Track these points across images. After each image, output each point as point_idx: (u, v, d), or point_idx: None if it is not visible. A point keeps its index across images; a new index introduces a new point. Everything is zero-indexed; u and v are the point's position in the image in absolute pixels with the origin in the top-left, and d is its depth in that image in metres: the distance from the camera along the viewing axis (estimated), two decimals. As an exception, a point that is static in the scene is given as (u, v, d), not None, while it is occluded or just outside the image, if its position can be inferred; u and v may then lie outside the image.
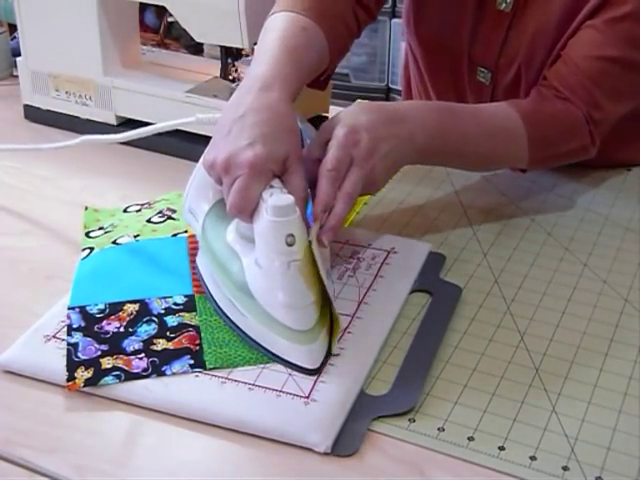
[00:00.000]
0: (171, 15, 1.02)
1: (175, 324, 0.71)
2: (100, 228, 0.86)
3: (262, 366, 0.67)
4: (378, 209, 0.92)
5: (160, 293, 0.74)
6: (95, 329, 0.70)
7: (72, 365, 0.66)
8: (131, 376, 0.66)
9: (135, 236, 0.83)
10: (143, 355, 0.68)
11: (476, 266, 0.82)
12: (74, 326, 0.70)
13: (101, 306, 0.73)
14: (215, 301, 0.73)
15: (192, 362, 0.67)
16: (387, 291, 0.76)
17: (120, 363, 0.67)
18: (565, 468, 0.59)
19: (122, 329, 0.70)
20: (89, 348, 0.68)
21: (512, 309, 0.76)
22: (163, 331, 0.70)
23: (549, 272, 0.82)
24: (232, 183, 0.69)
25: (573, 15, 0.90)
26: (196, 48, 2.11)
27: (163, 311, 0.72)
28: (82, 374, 0.65)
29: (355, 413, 0.63)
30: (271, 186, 0.68)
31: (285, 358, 0.67)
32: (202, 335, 0.70)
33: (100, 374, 0.65)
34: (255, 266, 0.68)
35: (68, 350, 0.68)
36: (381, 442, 0.62)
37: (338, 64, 0.95)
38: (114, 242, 0.82)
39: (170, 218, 0.86)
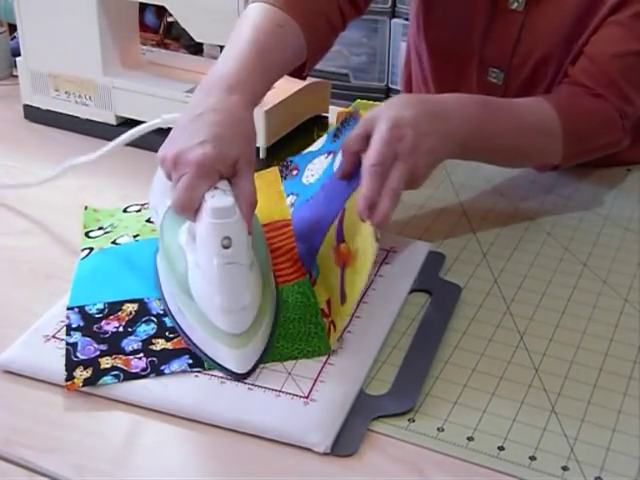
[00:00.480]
0: (171, 15, 1.02)
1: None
2: (100, 228, 0.86)
3: (261, 366, 0.67)
4: (378, 209, 0.92)
5: (159, 293, 0.74)
6: (94, 329, 0.70)
7: (71, 365, 0.66)
8: (130, 376, 0.66)
9: (134, 236, 0.83)
10: (142, 355, 0.68)
11: (476, 266, 0.83)
12: (73, 326, 0.70)
13: (100, 306, 0.73)
14: (165, 300, 0.73)
15: (191, 362, 0.67)
16: (387, 291, 0.76)
17: (119, 363, 0.67)
18: (565, 468, 0.59)
19: (121, 329, 0.70)
20: (88, 348, 0.68)
21: (512, 309, 0.76)
22: (162, 331, 0.70)
23: (549, 272, 0.82)
24: (178, 180, 0.68)
25: (590, 13, 0.91)
26: (196, 48, 2.11)
27: (162, 311, 0.72)
28: (81, 374, 0.65)
29: (354, 413, 0.63)
30: (215, 187, 0.68)
31: (218, 361, 0.67)
32: None
33: (99, 374, 0.65)
34: (195, 267, 0.68)
35: (67, 350, 0.68)
36: (381, 442, 0.62)
37: (320, 59, 0.94)
38: (113, 242, 0.82)
39: None
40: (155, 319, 0.71)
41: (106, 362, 0.67)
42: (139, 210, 0.88)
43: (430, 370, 0.68)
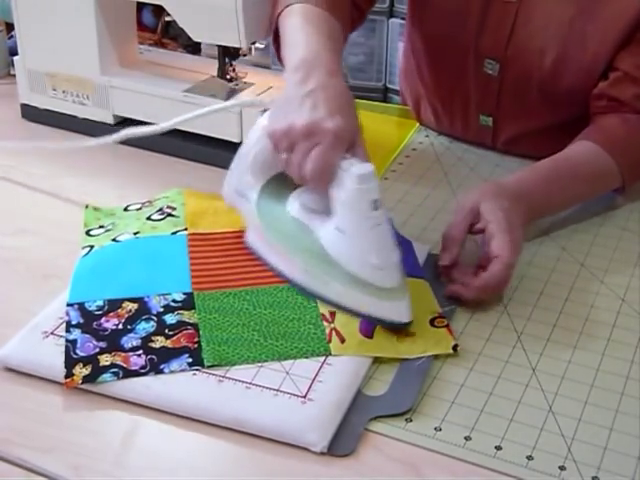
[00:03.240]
0: (168, 14, 1.02)
1: (174, 322, 0.71)
2: (101, 227, 0.86)
3: (260, 365, 0.67)
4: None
5: (159, 290, 0.74)
6: (94, 326, 0.70)
7: (70, 362, 0.66)
8: (129, 373, 0.66)
9: (135, 233, 0.83)
10: (141, 352, 0.68)
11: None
12: (73, 323, 0.70)
13: (100, 303, 0.73)
14: (286, 275, 0.75)
15: (190, 360, 0.67)
16: None
17: (118, 360, 0.67)
18: (562, 468, 0.59)
19: (121, 326, 0.70)
20: (87, 345, 0.68)
21: (509, 309, 0.76)
22: (162, 329, 0.70)
23: (546, 272, 0.82)
24: (309, 150, 0.71)
25: (591, 11, 0.91)
26: (194, 47, 2.10)
27: (162, 309, 0.72)
28: (80, 371, 0.65)
29: (352, 413, 0.63)
30: (344, 157, 0.71)
31: (377, 316, 0.70)
32: (201, 333, 0.70)
33: (98, 371, 0.65)
34: (337, 232, 0.70)
35: (66, 347, 0.68)
36: (378, 442, 0.62)
37: None
38: (114, 240, 0.82)
39: (170, 215, 0.86)
40: (155, 317, 0.71)
41: (105, 359, 0.67)
42: (140, 208, 0.88)
43: (428, 370, 0.68)
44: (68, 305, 0.72)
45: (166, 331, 0.70)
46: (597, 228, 0.90)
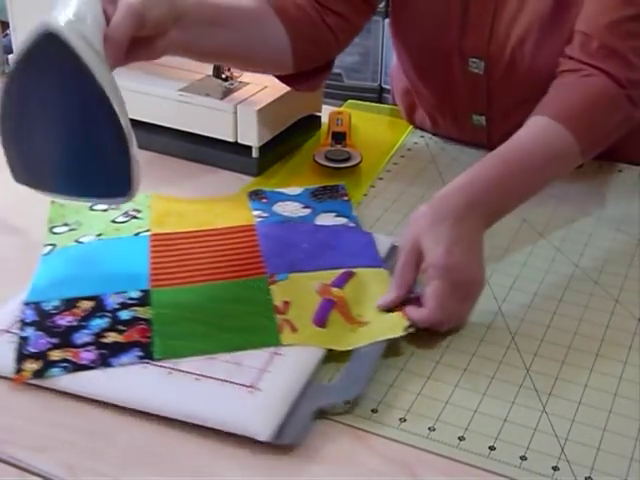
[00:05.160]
0: (164, 13, 1.02)
1: (127, 318, 0.71)
2: (65, 224, 0.85)
3: (211, 357, 0.67)
4: (370, 208, 0.93)
5: (116, 289, 0.74)
6: (47, 323, 0.70)
7: (21, 357, 0.66)
8: (78, 367, 0.66)
9: (98, 235, 0.83)
10: (92, 347, 0.68)
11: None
12: (27, 321, 0.70)
13: (56, 303, 0.73)
14: None
15: (141, 354, 0.67)
16: None
17: (69, 355, 0.67)
18: (555, 468, 0.60)
19: (75, 323, 0.70)
20: (40, 341, 0.68)
21: (503, 310, 0.76)
22: (115, 324, 0.70)
23: (540, 272, 0.82)
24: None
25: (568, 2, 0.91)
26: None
27: (118, 306, 0.72)
28: (30, 366, 0.65)
29: (301, 402, 0.63)
30: None
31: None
32: (154, 327, 0.70)
33: (47, 366, 0.66)
34: None
35: (18, 343, 0.68)
36: (372, 442, 0.62)
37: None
38: (77, 241, 0.82)
39: (134, 218, 0.86)
40: (109, 314, 0.71)
41: (56, 355, 0.67)
42: (105, 210, 0.88)
43: (381, 358, 0.68)
44: (25, 304, 0.72)
45: (119, 327, 0.70)
46: (591, 229, 0.90)
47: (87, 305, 0.72)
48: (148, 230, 0.84)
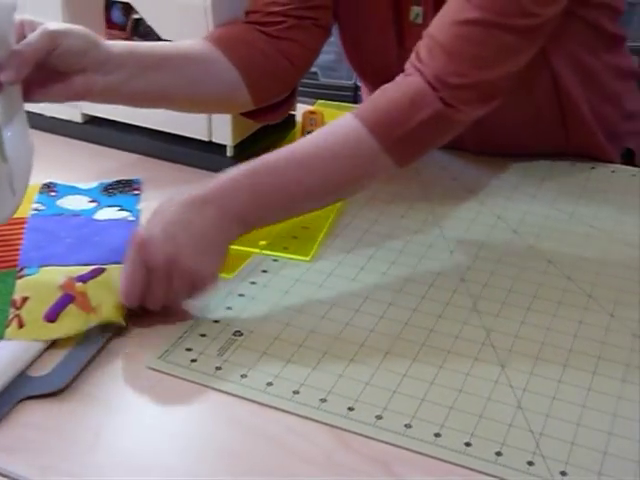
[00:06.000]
0: (137, 12, 1.01)
1: None
2: None
3: None
4: (345, 210, 0.93)
5: None
6: None
7: None
8: None
9: None
10: None
11: (443, 263, 0.83)
12: None
13: None
14: None
15: None
16: None
17: None
18: (530, 463, 0.60)
19: None
20: None
21: (478, 306, 0.77)
22: None
23: (514, 269, 0.83)
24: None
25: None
26: (163, 45, 2.09)
27: None
28: None
29: (6, 393, 0.64)
30: None
31: None
32: None
33: None
34: None
35: None
36: (349, 439, 0.62)
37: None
38: None
39: None
40: None
41: None
42: None
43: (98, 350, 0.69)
44: None
45: None
46: (564, 225, 0.91)
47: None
48: None
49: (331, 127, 0.83)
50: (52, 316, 0.71)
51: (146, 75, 0.85)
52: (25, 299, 0.73)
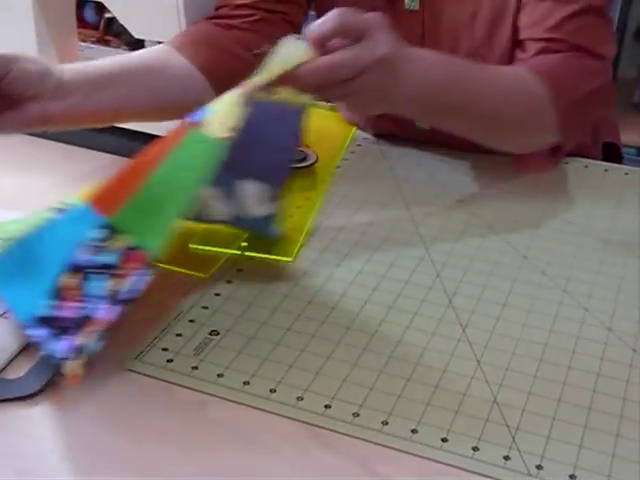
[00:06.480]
0: (109, 11, 1.01)
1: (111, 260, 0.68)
2: None
3: None
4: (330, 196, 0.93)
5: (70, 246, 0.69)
6: (56, 326, 0.67)
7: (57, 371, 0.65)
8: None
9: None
10: (108, 304, 0.66)
11: (419, 260, 0.83)
12: (39, 338, 0.67)
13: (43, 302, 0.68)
14: None
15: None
16: None
17: (94, 327, 0.65)
18: (506, 457, 0.60)
19: (77, 304, 0.66)
20: (62, 345, 0.65)
21: (454, 302, 0.77)
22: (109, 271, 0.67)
23: (489, 265, 0.83)
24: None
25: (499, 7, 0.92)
26: (137, 45, 2.08)
27: (92, 256, 0.68)
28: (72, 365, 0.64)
29: None
30: None
31: None
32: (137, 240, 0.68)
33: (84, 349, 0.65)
34: None
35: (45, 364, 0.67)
36: (326, 437, 0.62)
37: None
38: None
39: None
40: (94, 269, 0.67)
41: (83, 339, 0.65)
42: None
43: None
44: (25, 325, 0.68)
45: (112, 271, 0.67)
46: (539, 220, 0.92)
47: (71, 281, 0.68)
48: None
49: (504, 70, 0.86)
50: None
51: (100, 94, 0.83)
52: None
